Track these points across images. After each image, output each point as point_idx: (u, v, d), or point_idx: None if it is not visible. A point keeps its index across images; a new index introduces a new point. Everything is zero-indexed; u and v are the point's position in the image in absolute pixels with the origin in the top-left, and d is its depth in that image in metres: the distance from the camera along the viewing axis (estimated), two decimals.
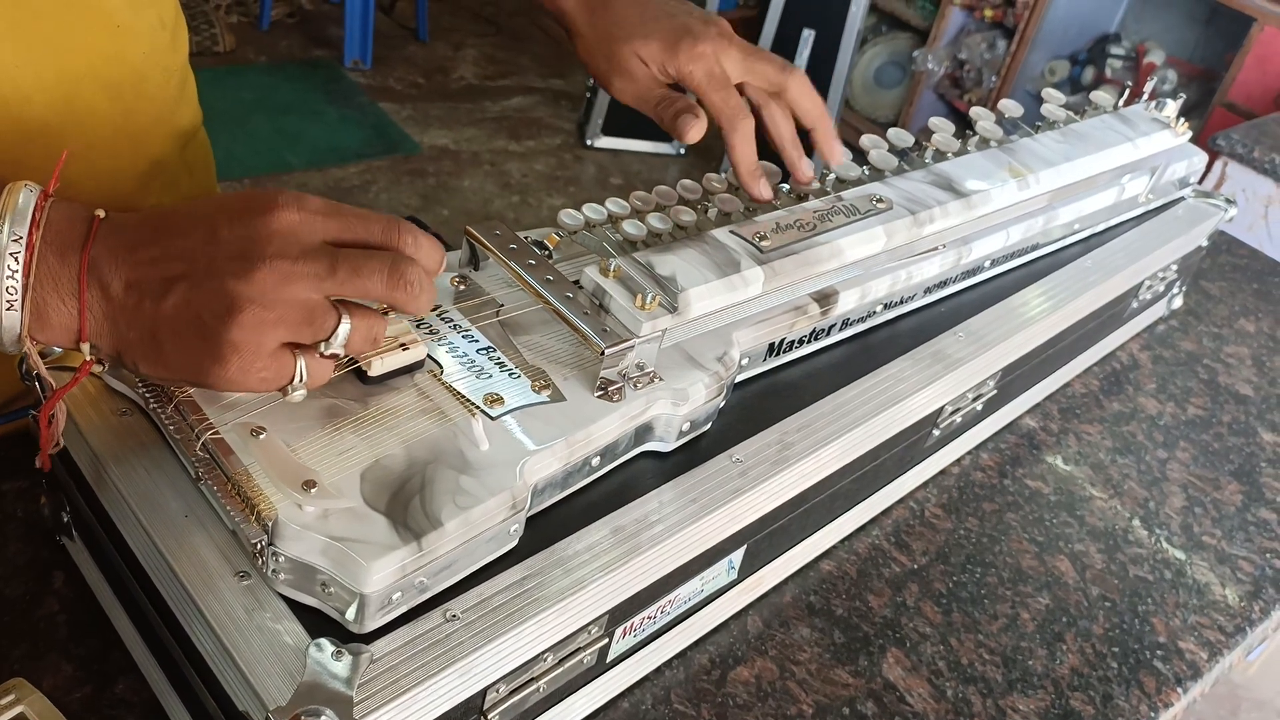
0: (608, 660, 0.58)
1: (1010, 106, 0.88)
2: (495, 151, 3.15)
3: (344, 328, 0.47)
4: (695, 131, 0.70)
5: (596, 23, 0.74)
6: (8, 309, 0.44)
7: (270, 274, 0.44)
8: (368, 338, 0.49)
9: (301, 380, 0.47)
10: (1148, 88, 0.98)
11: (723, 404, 0.63)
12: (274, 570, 0.47)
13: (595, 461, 0.56)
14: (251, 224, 0.45)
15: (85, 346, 0.46)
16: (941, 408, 0.73)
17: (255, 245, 0.45)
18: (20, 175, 0.48)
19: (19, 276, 0.44)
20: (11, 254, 0.44)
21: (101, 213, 0.47)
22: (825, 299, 0.69)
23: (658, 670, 0.63)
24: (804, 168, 0.73)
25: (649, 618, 0.58)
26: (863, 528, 0.76)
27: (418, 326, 0.57)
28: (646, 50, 0.71)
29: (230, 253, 0.45)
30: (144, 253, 0.46)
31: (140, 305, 0.45)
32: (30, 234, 0.44)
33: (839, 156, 0.74)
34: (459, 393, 0.54)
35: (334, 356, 0.48)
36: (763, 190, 0.71)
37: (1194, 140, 0.99)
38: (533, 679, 0.52)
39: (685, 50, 0.70)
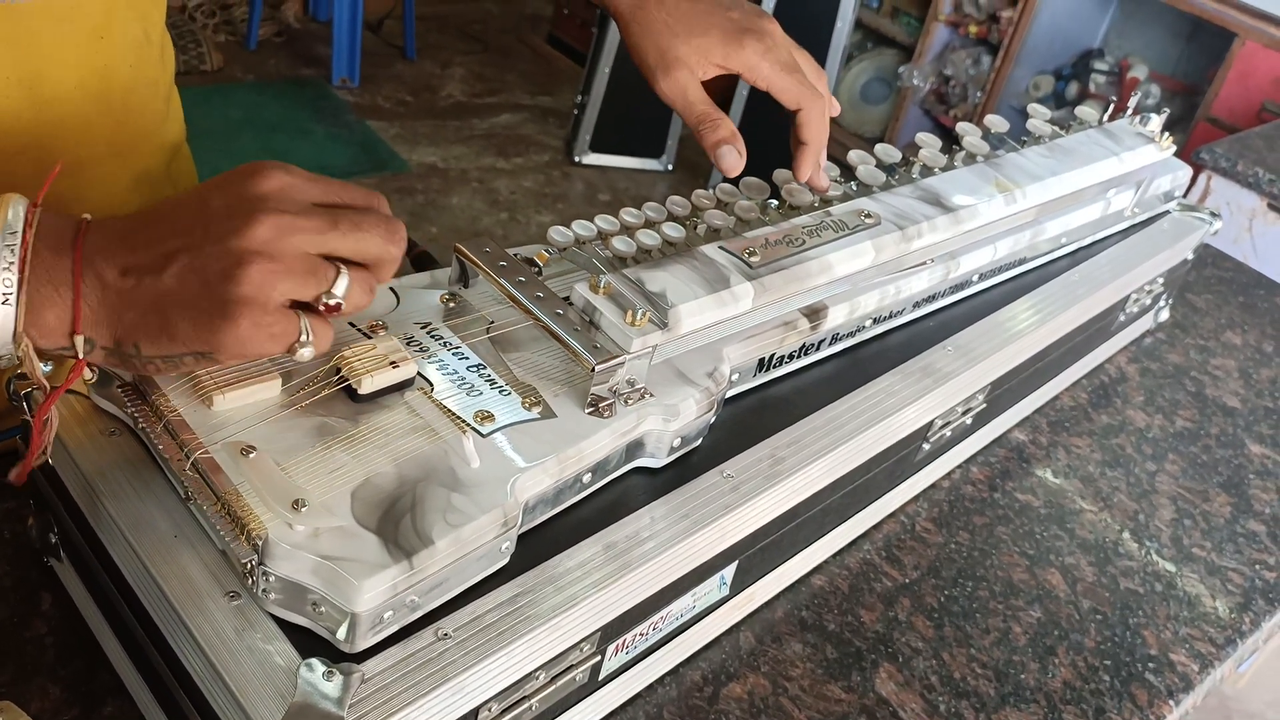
0: (600, 678, 0.58)
1: (996, 122, 0.88)
2: (483, 169, 3.16)
3: (344, 280, 0.48)
4: (737, 165, 0.70)
5: (651, 16, 0.72)
6: (3, 303, 0.44)
7: (272, 226, 0.46)
8: (365, 289, 0.49)
9: (308, 338, 0.48)
10: (1132, 103, 0.99)
11: (713, 420, 0.63)
12: (264, 590, 0.47)
13: (586, 478, 0.56)
14: (243, 187, 0.47)
15: (79, 340, 0.46)
16: (931, 422, 0.73)
17: (252, 203, 0.46)
18: (10, 189, 0.48)
19: (14, 271, 0.44)
20: (7, 246, 0.45)
21: (88, 216, 0.48)
22: (815, 314, 0.69)
23: (650, 687, 0.63)
24: (808, 172, 0.73)
25: (641, 634, 0.58)
26: (854, 542, 0.76)
27: (408, 344, 0.57)
28: (707, 46, 0.70)
29: (227, 214, 0.46)
30: (137, 238, 0.47)
31: (139, 285, 0.46)
32: (25, 233, 0.45)
33: (803, 176, 0.73)
34: (449, 410, 0.54)
35: (337, 308, 0.48)
36: (810, 174, 0.72)
37: (1177, 154, 0.99)
38: (525, 697, 0.52)
39: (748, 43, 0.70)
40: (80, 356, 0.47)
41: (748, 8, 0.73)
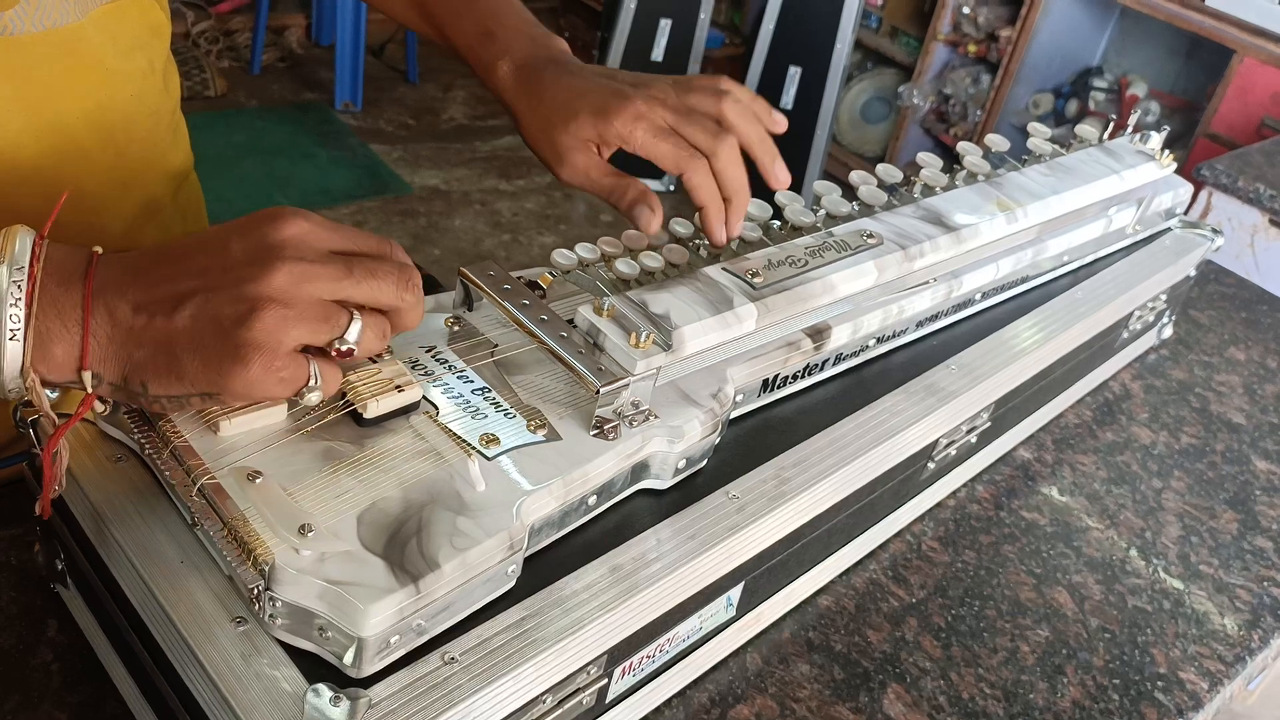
0: (607, 700, 0.57)
1: (997, 141, 0.89)
2: (486, 191, 3.17)
3: (356, 325, 0.49)
4: (653, 223, 0.69)
5: (533, 108, 0.73)
6: (10, 339, 0.45)
7: (289, 274, 0.46)
8: (379, 333, 0.50)
9: (317, 383, 0.48)
10: (1132, 120, 0.99)
11: (718, 440, 0.63)
12: (271, 615, 0.47)
13: (592, 500, 0.56)
14: (263, 233, 0.48)
15: (87, 375, 0.46)
16: (936, 441, 0.73)
17: (271, 250, 0.47)
18: (13, 220, 0.48)
19: (21, 305, 0.45)
20: (14, 282, 0.45)
21: (99, 249, 0.48)
22: (818, 334, 0.69)
23: (657, 710, 0.62)
24: (719, 234, 0.70)
25: (648, 657, 0.58)
26: (860, 562, 0.76)
27: (413, 368, 0.57)
28: (579, 127, 0.70)
29: (245, 260, 0.47)
30: (153, 274, 0.47)
31: (151, 324, 0.46)
32: (31, 267, 0.45)
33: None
34: (455, 434, 0.54)
35: (349, 354, 0.49)
36: (720, 234, 0.69)
37: (1178, 171, 1.00)
38: None
39: (616, 113, 0.69)
40: (89, 391, 0.47)
41: (627, 78, 0.72)
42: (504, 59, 0.76)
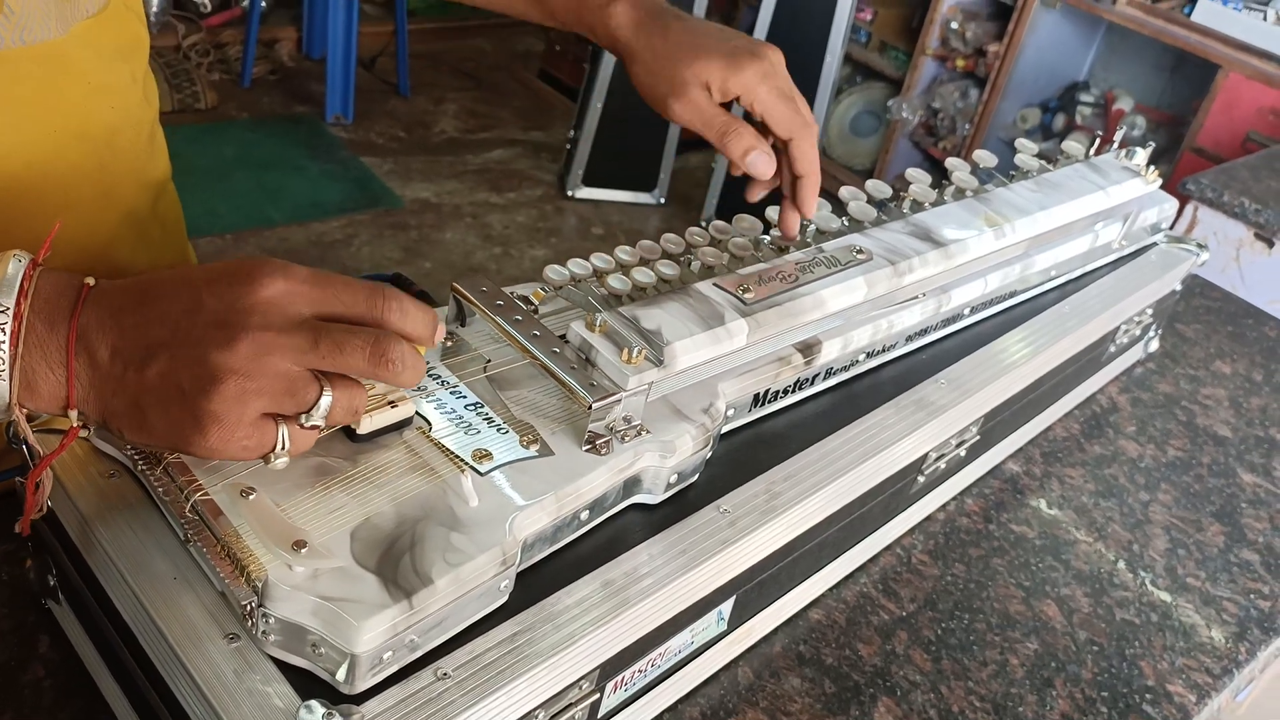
0: (599, 716, 0.57)
1: (984, 157, 0.90)
2: (477, 204, 3.17)
3: (325, 400, 0.47)
4: (769, 168, 0.73)
5: (655, 45, 0.75)
6: None
7: (252, 345, 0.44)
8: (349, 410, 0.49)
9: (284, 448, 0.47)
10: (1118, 136, 1.00)
11: (709, 455, 0.63)
12: (264, 632, 0.47)
13: (584, 515, 0.57)
14: (236, 293, 0.45)
15: (73, 414, 0.46)
16: (925, 454, 0.74)
17: (239, 315, 0.45)
18: (2, 234, 0.48)
19: (6, 347, 0.44)
20: (0, 325, 0.44)
21: (90, 280, 0.47)
22: (808, 349, 0.70)
23: None
24: (812, 206, 0.75)
25: (640, 671, 0.58)
26: (851, 575, 0.76)
27: None
28: (709, 70, 0.72)
29: (213, 321, 0.45)
30: (129, 318, 0.46)
31: (125, 374, 0.45)
32: (18, 304, 0.45)
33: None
34: (448, 449, 0.55)
35: (315, 428, 0.48)
36: (812, 206, 0.75)
37: (1164, 185, 1.01)
38: None
39: (748, 66, 0.72)
40: (74, 425, 0.47)
41: (750, 39, 0.75)
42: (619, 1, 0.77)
